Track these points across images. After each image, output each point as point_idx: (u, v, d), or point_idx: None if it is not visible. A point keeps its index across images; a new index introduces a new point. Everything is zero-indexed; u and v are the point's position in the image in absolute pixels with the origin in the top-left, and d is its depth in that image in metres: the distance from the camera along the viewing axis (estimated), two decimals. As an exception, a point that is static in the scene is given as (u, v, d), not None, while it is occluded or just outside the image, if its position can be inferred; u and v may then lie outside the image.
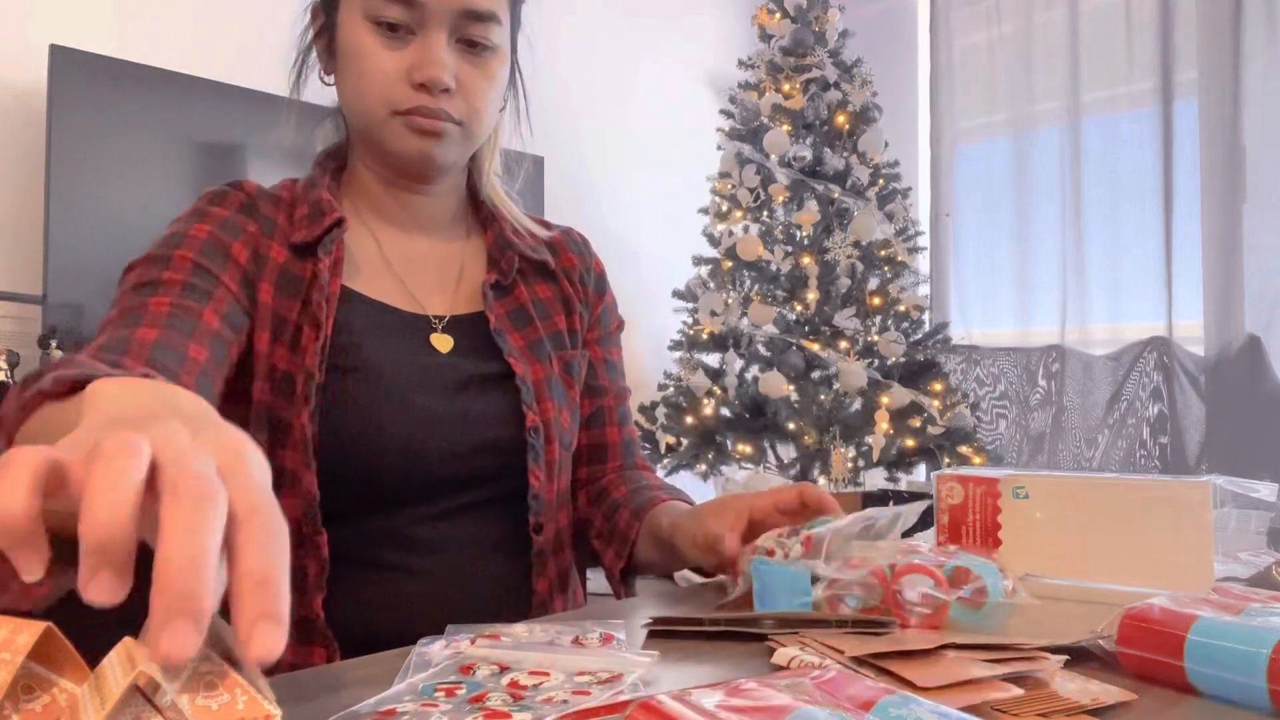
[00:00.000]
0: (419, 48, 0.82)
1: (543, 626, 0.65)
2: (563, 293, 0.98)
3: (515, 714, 0.47)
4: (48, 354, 1.96)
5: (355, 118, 0.87)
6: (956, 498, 0.85)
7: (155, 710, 0.32)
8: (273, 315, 0.82)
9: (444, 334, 0.89)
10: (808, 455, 3.01)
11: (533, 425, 0.87)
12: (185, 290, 0.77)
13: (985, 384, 3.64)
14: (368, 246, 0.91)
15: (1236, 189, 3.13)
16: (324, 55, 0.90)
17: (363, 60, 0.82)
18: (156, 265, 0.78)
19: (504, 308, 0.93)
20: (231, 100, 2.28)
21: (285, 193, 0.89)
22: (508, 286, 0.94)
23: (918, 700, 0.41)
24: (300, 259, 0.85)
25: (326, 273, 0.83)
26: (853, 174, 3.06)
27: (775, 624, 0.64)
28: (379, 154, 0.88)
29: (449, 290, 0.93)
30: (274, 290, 0.83)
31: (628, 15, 3.62)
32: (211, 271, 0.80)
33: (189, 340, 0.74)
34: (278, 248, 0.84)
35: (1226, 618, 0.54)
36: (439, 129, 0.84)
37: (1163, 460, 3.25)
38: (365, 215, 0.92)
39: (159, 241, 0.81)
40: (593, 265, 1.03)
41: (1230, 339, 3.12)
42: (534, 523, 0.88)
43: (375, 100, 0.83)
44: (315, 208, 0.86)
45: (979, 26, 3.73)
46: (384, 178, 0.91)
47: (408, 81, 0.82)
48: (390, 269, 0.91)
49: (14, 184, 2.13)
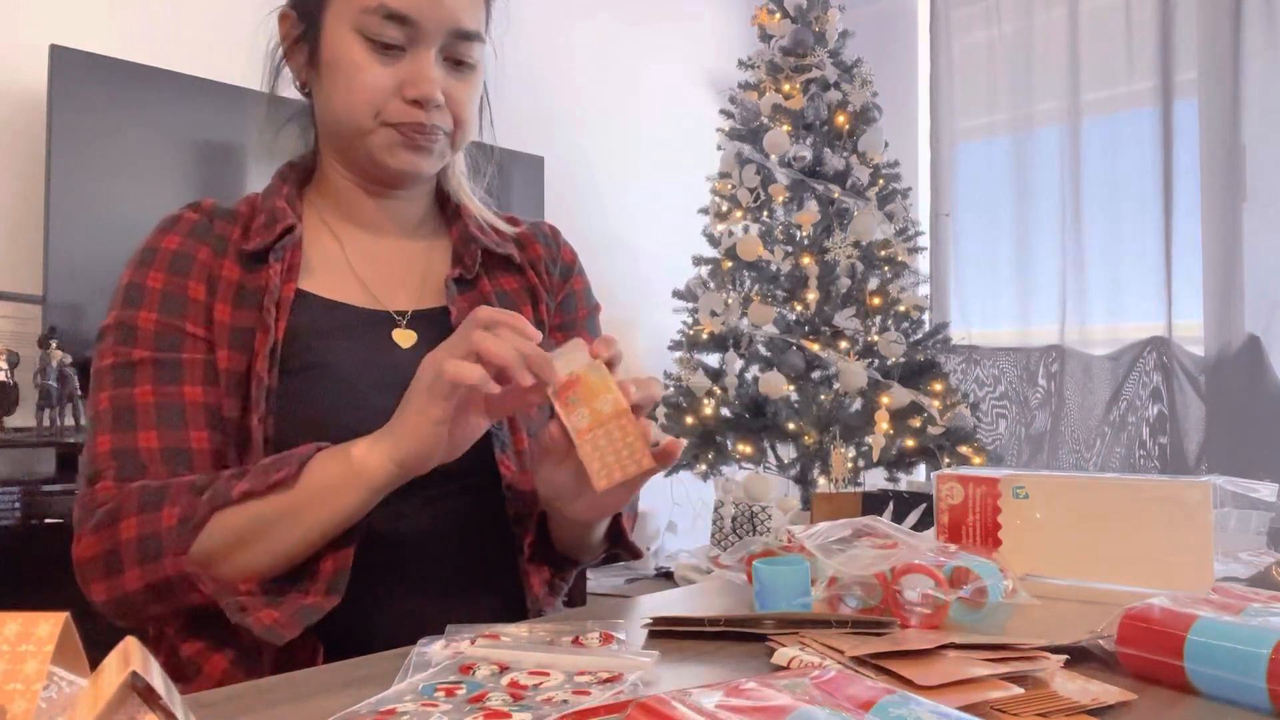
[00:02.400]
0: (410, 64, 0.84)
1: (543, 626, 0.65)
2: (529, 284, 0.98)
3: (515, 714, 0.47)
4: (47, 354, 1.96)
5: (338, 126, 0.88)
6: (956, 498, 0.85)
7: (151, 710, 0.32)
8: (230, 332, 0.83)
9: (407, 329, 0.90)
10: (808, 455, 3.01)
11: None
12: (159, 371, 0.81)
13: (985, 384, 3.64)
14: (328, 249, 0.92)
15: (1236, 189, 3.13)
16: (302, 67, 0.90)
17: (354, 74, 0.83)
18: (126, 339, 0.82)
19: (468, 301, 0.93)
20: (231, 100, 2.28)
21: (245, 206, 0.91)
22: (471, 280, 0.95)
23: (918, 700, 0.41)
24: (254, 269, 0.86)
25: (278, 278, 0.84)
26: (853, 174, 3.06)
27: (775, 624, 0.64)
28: (361, 161, 0.89)
29: (413, 287, 0.93)
30: (230, 308, 0.84)
31: (628, 15, 3.61)
32: (177, 329, 0.83)
33: (187, 432, 0.80)
34: (229, 265, 0.86)
35: (1226, 618, 0.54)
36: (430, 144, 0.86)
37: (1162, 460, 3.25)
38: (330, 219, 0.93)
39: (121, 296, 0.84)
40: (560, 254, 1.03)
41: (1230, 339, 3.12)
42: (514, 514, 0.88)
43: (365, 111, 0.84)
44: (270, 215, 0.88)
45: (979, 26, 3.73)
46: (357, 183, 0.92)
47: (399, 96, 0.84)
48: (351, 269, 0.92)
49: (14, 184, 2.13)
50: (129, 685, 0.32)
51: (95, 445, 0.80)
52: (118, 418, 0.80)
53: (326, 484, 0.73)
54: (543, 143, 3.02)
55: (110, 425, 0.80)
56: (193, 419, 0.81)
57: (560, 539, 0.89)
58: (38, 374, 1.96)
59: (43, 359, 1.97)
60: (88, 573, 0.76)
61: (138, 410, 0.80)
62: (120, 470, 0.78)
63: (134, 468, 0.78)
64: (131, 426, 0.80)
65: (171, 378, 0.82)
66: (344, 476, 0.73)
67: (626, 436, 0.70)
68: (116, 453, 0.79)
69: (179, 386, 0.82)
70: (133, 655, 0.33)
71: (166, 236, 0.86)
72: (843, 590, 0.68)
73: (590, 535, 0.87)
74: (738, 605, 0.78)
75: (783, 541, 0.78)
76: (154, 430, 0.80)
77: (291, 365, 0.83)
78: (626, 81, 3.61)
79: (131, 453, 0.79)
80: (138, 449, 0.79)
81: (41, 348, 1.97)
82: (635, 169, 3.59)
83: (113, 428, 0.80)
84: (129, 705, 0.32)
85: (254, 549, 0.74)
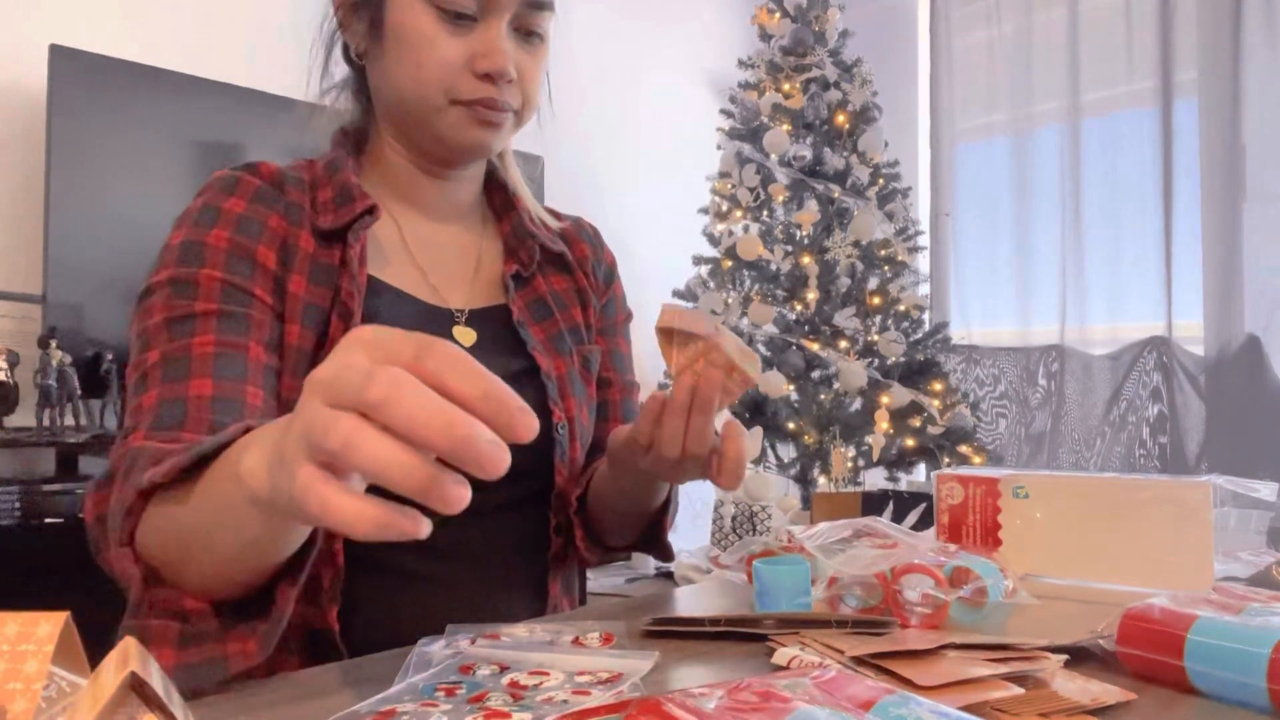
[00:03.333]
0: (482, 36, 0.79)
1: (543, 626, 0.65)
2: (578, 285, 0.96)
3: (515, 714, 0.47)
4: (48, 354, 1.96)
5: (403, 103, 0.82)
6: (956, 498, 0.85)
7: (150, 709, 0.32)
8: (303, 307, 0.78)
9: (466, 327, 0.86)
10: (808, 455, 3.01)
11: (559, 422, 0.85)
12: (225, 322, 0.73)
13: (985, 384, 3.64)
14: (390, 233, 0.87)
15: (1236, 189, 3.13)
16: (362, 35, 0.84)
17: (422, 47, 0.78)
18: (186, 293, 0.73)
19: (524, 299, 0.90)
20: (232, 100, 2.28)
21: (305, 174, 0.85)
22: (527, 278, 0.92)
23: (918, 700, 0.41)
24: (328, 245, 0.81)
25: (356, 261, 0.79)
26: (853, 173, 3.06)
27: (775, 624, 0.64)
28: (424, 140, 0.85)
29: (467, 281, 0.90)
30: (306, 281, 0.78)
31: (628, 15, 3.61)
32: (244, 289, 0.75)
33: (245, 385, 0.71)
34: (306, 236, 0.80)
35: (1226, 618, 0.54)
36: (501, 120, 0.82)
37: (1163, 460, 3.25)
38: (386, 199, 0.88)
39: (176, 254, 0.75)
40: (604, 256, 1.01)
41: (1230, 339, 3.12)
42: (555, 523, 0.87)
43: (434, 88, 0.79)
44: (343, 192, 0.82)
45: (979, 26, 3.73)
46: (415, 162, 0.88)
47: (470, 70, 0.79)
48: (412, 258, 0.87)
49: (14, 184, 2.13)
50: (128, 685, 0.32)
51: (141, 402, 0.69)
52: (169, 370, 0.70)
53: (222, 501, 0.53)
54: (543, 143, 3.01)
55: (160, 379, 0.70)
56: (253, 376, 0.72)
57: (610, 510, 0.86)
58: (38, 374, 1.96)
59: (43, 359, 1.97)
60: (92, 538, 0.66)
61: (194, 360, 0.70)
62: (157, 420, 0.68)
63: (174, 417, 0.68)
64: (185, 376, 0.70)
65: (237, 331, 0.73)
66: (234, 491, 0.51)
67: (717, 362, 0.70)
68: (162, 402, 0.69)
69: (245, 339, 0.73)
70: (132, 655, 0.33)
71: (228, 199, 0.79)
72: (843, 590, 0.68)
73: (649, 497, 0.85)
74: (738, 605, 0.78)
75: (783, 542, 0.78)
76: (209, 380, 0.69)
77: None
78: (626, 81, 3.61)
79: (179, 401, 0.68)
80: (187, 397, 0.68)
81: (41, 348, 1.97)
82: (635, 168, 3.59)
83: (163, 380, 0.69)
84: (129, 705, 0.32)
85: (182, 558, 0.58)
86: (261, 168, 0.83)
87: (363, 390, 0.38)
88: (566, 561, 0.91)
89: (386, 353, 0.40)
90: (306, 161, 0.87)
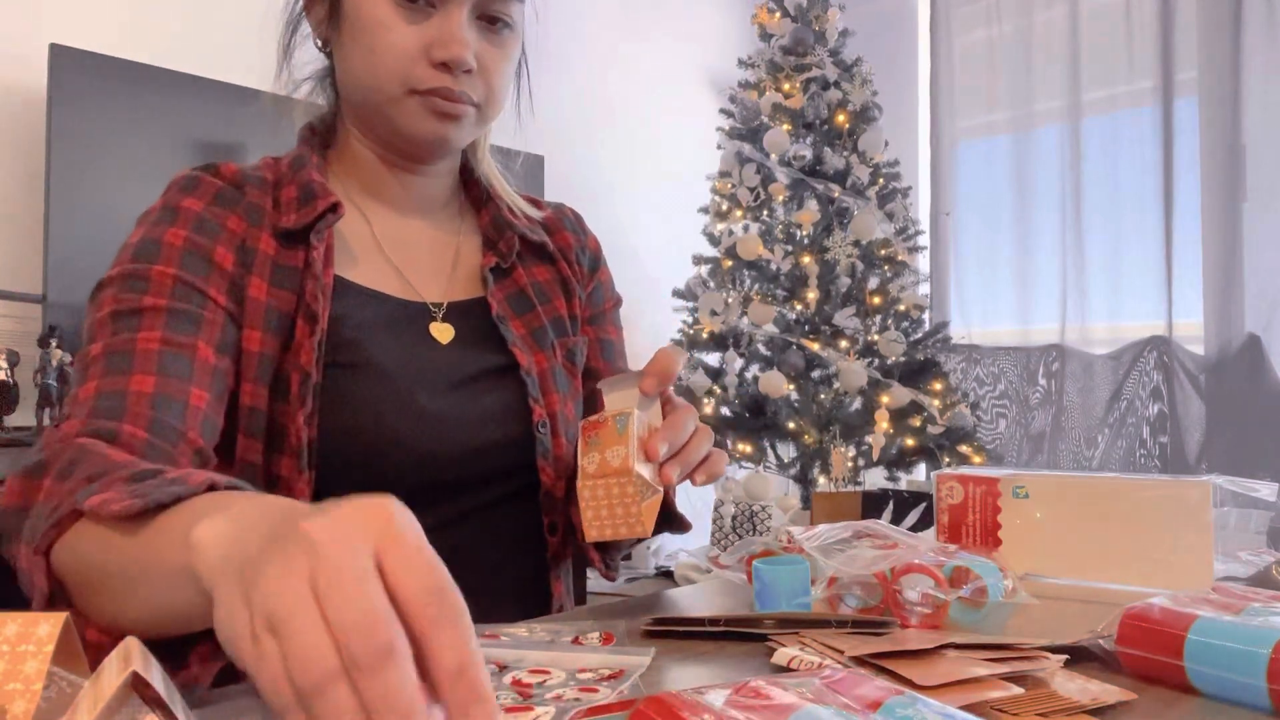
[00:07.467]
0: (440, 23, 0.76)
1: (542, 626, 0.65)
2: (561, 275, 0.93)
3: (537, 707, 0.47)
4: (47, 353, 1.96)
5: (361, 93, 0.80)
6: (956, 497, 0.85)
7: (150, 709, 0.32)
8: (265, 311, 0.76)
9: (443, 323, 0.84)
10: (808, 455, 3.01)
11: (540, 420, 0.84)
12: (173, 319, 0.71)
13: (985, 383, 3.64)
14: (359, 230, 0.85)
15: (1236, 189, 3.13)
16: (322, 22, 0.82)
17: (378, 34, 0.76)
18: (135, 287, 0.72)
19: (504, 292, 0.88)
20: (232, 100, 2.28)
21: (269, 173, 0.83)
22: (507, 270, 0.90)
23: (925, 701, 0.41)
24: (290, 246, 0.78)
25: (320, 261, 0.77)
26: (853, 173, 3.06)
27: (775, 624, 0.64)
28: (384, 132, 0.82)
29: (445, 275, 0.88)
30: (267, 285, 0.76)
31: (628, 14, 3.61)
32: (197, 288, 0.73)
33: (189, 385, 0.69)
34: (266, 238, 0.78)
35: (1226, 617, 0.54)
36: (459, 112, 0.79)
37: (1163, 460, 3.25)
38: (355, 195, 0.86)
39: (131, 251, 0.74)
40: (588, 243, 0.98)
41: (1230, 338, 3.12)
42: (548, 523, 0.86)
43: (390, 78, 0.77)
44: (305, 190, 0.80)
45: (979, 25, 3.73)
46: (381, 156, 0.85)
47: (427, 59, 0.76)
48: (383, 254, 0.85)
49: (14, 184, 2.13)
50: (129, 685, 0.32)
51: (78, 393, 0.67)
52: (111, 363, 0.68)
53: (159, 556, 0.49)
54: (543, 142, 3.01)
55: (101, 371, 0.68)
56: (199, 377, 0.70)
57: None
58: (38, 373, 1.96)
59: (43, 358, 1.97)
60: (3, 526, 0.61)
61: (137, 355, 0.68)
62: (93, 411, 0.65)
63: (111, 410, 0.65)
64: (127, 370, 0.67)
65: (185, 329, 0.71)
66: (175, 554, 0.45)
67: (624, 496, 0.67)
68: (100, 394, 0.66)
69: (194, 339, 0.71)
70: (133, 655, 0.33)
71: (187, 198, 0.77)
72: (843, 590, 0.68)
73: None
74: (738, 605, 0.78)
75: (782, 542, 0.78)
76: (152, 375, 0.67)
77: (336, 359, 0.76)
78: (627, 81, 3.61)
79: (118, 394, 0.66)
80: (126, 391, 0.66)
81: (41, 347, 1.97)
82: (635, 168, 3.59)
83: (103, 373, 0.67)
84: (129, 705, 0.32)
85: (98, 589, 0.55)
86: (222, 168, 0.81)
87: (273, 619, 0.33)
88: (567, 561, 0.91)
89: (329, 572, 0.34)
90: (272, 159, 0.85)
